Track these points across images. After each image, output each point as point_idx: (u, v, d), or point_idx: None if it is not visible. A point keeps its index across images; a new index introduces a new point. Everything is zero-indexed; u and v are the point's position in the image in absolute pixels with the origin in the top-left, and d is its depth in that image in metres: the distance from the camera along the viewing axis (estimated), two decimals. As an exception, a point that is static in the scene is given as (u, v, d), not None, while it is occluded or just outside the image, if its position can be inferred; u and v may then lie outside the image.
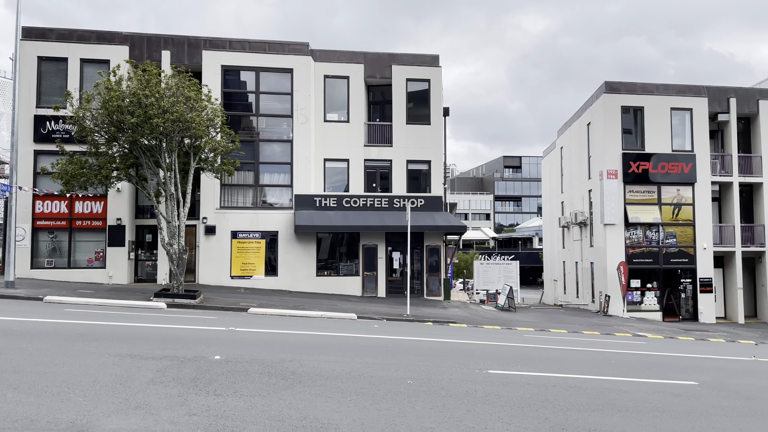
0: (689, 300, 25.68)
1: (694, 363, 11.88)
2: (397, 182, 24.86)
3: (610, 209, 25.33)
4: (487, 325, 18.19)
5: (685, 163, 25.69)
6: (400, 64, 25.15)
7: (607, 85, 26.00)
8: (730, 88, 26.73)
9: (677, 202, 25.76)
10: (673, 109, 26.00)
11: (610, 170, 25.44)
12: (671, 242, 25.67)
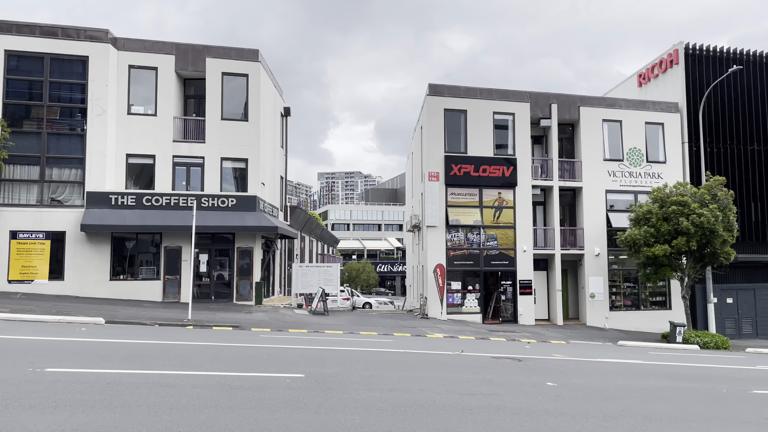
0: (510, 302, 25.87)
1: (365, 357, 11.29)
2: (211, 180, 23.64)
3: (432, 211, 25.19)
4: (291, 329, 17.23)
5: (506, 166, 25.98)
6: (215, 57, 24.05)
7: (431, 88, 25.97)
8: (552, 95, 27.39)
9: (498, 204, 25.98)
10: (495, 113, 26.29)
11: (432, 172, 25.33)
12: (492, 244, 25.82)
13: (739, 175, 28.44)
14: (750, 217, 28.60)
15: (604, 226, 26.75)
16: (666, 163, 27.70)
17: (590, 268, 26.62)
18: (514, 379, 9.42)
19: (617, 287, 27.20)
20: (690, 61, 28.30)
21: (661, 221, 22.41)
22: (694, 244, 21.78)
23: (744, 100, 28.80)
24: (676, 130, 27.99)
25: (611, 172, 27.19)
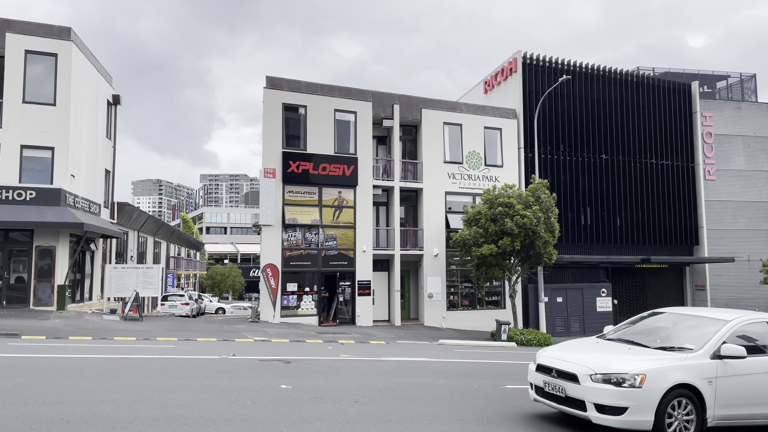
0: (348, 303, 25.36)
1: (90, 365, 10.05)
2: (8, 170, 20.89)
3: (267, 210, 24.08)
4: (77, 336, 15.21)
5: (347, 165, 25.49)
6: (18, 33, 21.38)
7: (269, 81, 24.92)
8: (395, 95, 27.37)
9: (339, 204, 25.41)
10: (337, 111, 25.75)
11: (268, 169, 24.23)
12: (332, 245, 25.18)
13: (572, 181, 30.08)
14: (581, 221, 30.32)
15: (443, 227, 27.06)
16: (503, 167, 28.64)
17: (429, 268, 26.79)
18: (245, 384, 8.57)
19: (455, 287, 27.63)
20: (527, 70, 29.56)
21: (489, 222, 22.91)
22: (518, 244, 22.45)
23: (577, 110, 30.56)
24: (513, 136, 29.06)
25: (451, 175, 27.61)
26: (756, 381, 6.85)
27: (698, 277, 32.54)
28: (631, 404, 6.22)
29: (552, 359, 7.15)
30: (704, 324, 7.31)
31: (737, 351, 6.66)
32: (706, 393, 6.52)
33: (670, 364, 6.55)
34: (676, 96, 32.88)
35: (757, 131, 34.46)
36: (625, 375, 6.34)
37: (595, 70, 31.20)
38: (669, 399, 6.36)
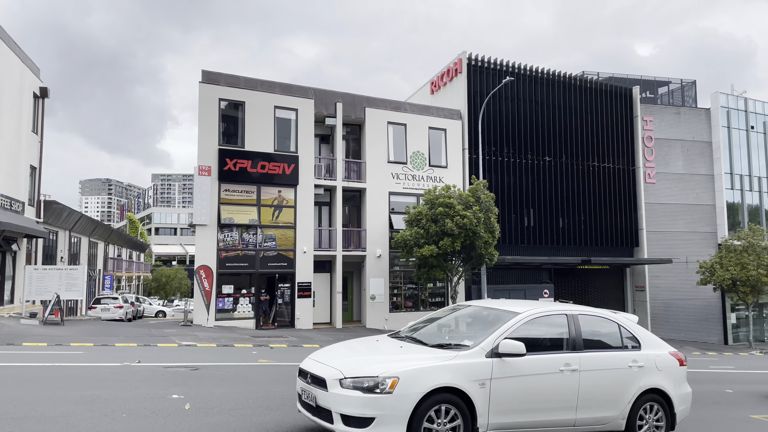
0: (287, 306, 24.69)
1: None
2: None
3: (202, 209, 23.20)
4: None
5: (288, 163, 24.84)
6: (-72, 18, 19.89)
7: (205, 75, 24.06)
8: (338, 93, 26.88)
9: (278, 203, 24.73)
10: (277, 108, 25.07)
11: (203, 166, 23.36)
12: (270, 245, 24.47)
13: (516, 183, 30.18)
14: (524, 223, 30.47)
15: (386, 228, 26.70)
16: (448, 167, 28.50)
17: (372, 269, 26.39)
18: (132, 394, 7.93)
19: (399, 288, 27.31)
20: (471, 71, 29.53)
21: (430, 223, 22.68)
22: (458, 245, 22.29)
23: (522, 113, 30.71)
24: (458, 137, 28.97)
25: (395, 175, 27.29)
26: (538, 383, 6.01)
27: (638, 278, 33.19)
28: (378, 413, 5.27)
29: (312, 362, 6.12)
30: (495, 318, 6.48)
31: (516, 348, 5.81)
32: (477, 398, 5.60)
33: (434, 364, 5.60)
34: (618, 100, 33.48)
35: (696, 136, 35.45)
36: (376, 378, 5.36)
37: (540, 73, 31.44)
38: (428, 406, 5.42)
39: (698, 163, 35.23)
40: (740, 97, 37.20)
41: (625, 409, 6.61)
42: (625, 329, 7.01)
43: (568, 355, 6.35)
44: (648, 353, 6.93)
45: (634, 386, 6.66)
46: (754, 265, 29.70)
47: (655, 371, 6.86)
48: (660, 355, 7.03)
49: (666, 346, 7.31)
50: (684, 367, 7.24)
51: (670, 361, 7.07)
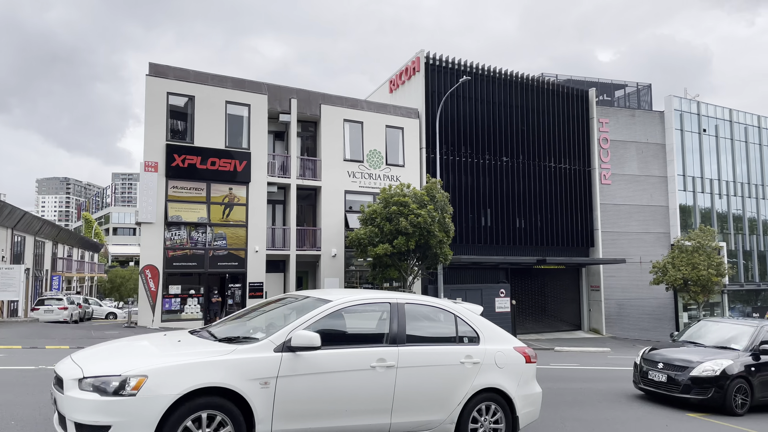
0: (238, 306, 24.02)
1: None
2: None
3: (147, 206, 22.39)
4: None
5: (239, 160, 24.19)
6: None
7: (152, 68, 23.25)
8: (293, 89, 26.35)
9: (229, 201, 24.06)
10: (229, 103, 24.40)
11: (149, 162, 22.55)
12: (221, 244, 23.78)
13: (474, 183, 30.13)
14: (481, 222, 30.43)
15: (342, 227, 26.28)
16: (405, 166, 28.25)
17: (327, 269, 25.92)
18: None
19: (355, 288, 26.87)
20: (429, 70, 29.36)
21: (384, 221, 22.36)
22: (413, 244, 22.01)
23: (480, 113, 30.68)
24: (415, 136, 28.75)
25: (351, 173, 26.90)
26: (340, 382, 5.18)
27: (593, 278, 33.54)
28: (115, 421, 4.30)
29: (68, 360, 5.00)
30: (303, 307, 5.68)
31: (309, 340, 4.96)
32: (257, 400, 4.74)
33: (199, 360, 4.69)
34: (575, 102, 33.79)
35: (650, 138, 36.06)
36: (119, 377, 4.39)
37: (498, 74, 31.48)
38: (185, 411, 4.50)
39: (652, 165, 35.84)
40: (693, 101, 38.03)
41: (455, 411, 5.81)
42: (464, 321, 6.22)
43: (383, 349, 5.51)
44: (487, 348, 6.16)
45: (466, 385, 5.89)
46: (705, 265, 30.27)
47: (494, 368, 6.13)
48: (501, 351, 6.27)
49: (512, 341, 6.55)
50: (532, 364, 6.51)
51: (513, 358, 6.34)
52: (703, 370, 9.89)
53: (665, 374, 10.33)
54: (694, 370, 9.97)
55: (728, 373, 9.80)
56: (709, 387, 9.80)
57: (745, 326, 11.00)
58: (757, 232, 39.91)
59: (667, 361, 10.50)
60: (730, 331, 11.04)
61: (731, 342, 10.71)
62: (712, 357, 10.15)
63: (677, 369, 10.22)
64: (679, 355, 10.56)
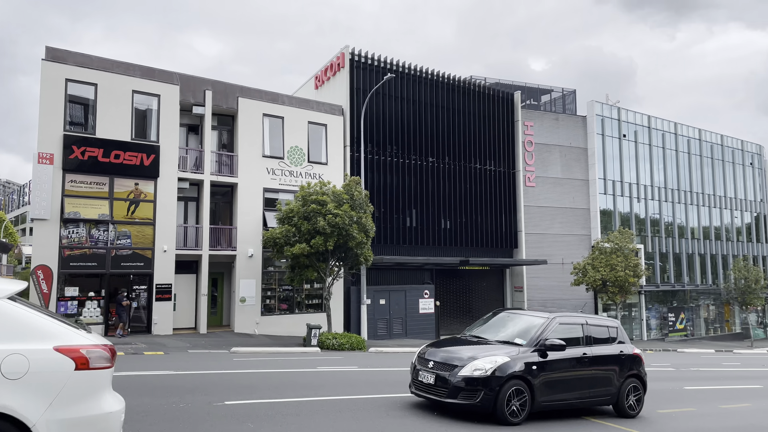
0: (144, 310, 22.52)
1: None
2: None
3: (41, 201, 20.58)
4: None
5: (147, 154, 22.69)
6: None
7: (49, 52, 21.47)
8: (208, 80, 25.07)
9: (135, 197, 22.53)
10: (136, 92, 22.87)
11: (43, 154, 20.75)
12: (125, 243, 22.21)
13: (400, 183, 29.71)
14: (407, 223, 30.04)
15: (260, 226, 25.19)
16: (328, 164, 27.46)
17: (243, 270, 24.76)
18: None
19: (273, 290, 25.86)
20: (354, 66, 28.73)
21: (302, 220, 21.51)
22: (331, 244, 21.25)
23: (407, 113, 30.30)
24: (339, 133, 28.03)
25: (271, 170, 25.87)
26: None
27: (517, 278, 33.83)
28: None
29: None
30: None
31: None
32: None
33: None
34: (501, 105, 34.01)
35: (573, 142, 36.81)
36: None
37: (426, 74, 31.22)
38: None
39: (575, 168, 36.60)
40: (614, 107, 39.17)
41: None
42: None
43: None
44: None
45: None
46: (622, 267, 31.05)
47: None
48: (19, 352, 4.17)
49: (55, 336, 4.38)
50: (93, 371, 4.41)
51: (46, 363, 4.24)
52: (474, 369, 8.23)
53: (434, 375, 8.57)
54: (464, 369, 8.28)
55: (501, 373, 8.21)
56: (478, 389, 8.15)
57: (536, 318, 9.49)
58: (673, 235, 41.54)
59: (438, 359, 8.74)
60: (522, 324, 9.51)
61: (519, 336, 9.16)
62: (488, 353, 8.52)
63: (447, 368, 8.47)
64: (454, 352, 8.86)
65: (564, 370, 8.93)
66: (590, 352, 9.35)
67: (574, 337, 9.42)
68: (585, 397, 9.26)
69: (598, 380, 9.39)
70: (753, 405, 12.20)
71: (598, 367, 9.42)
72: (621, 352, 9.85)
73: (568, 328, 9.42)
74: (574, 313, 10.21)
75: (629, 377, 9.85)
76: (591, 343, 9.51)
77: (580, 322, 9.66)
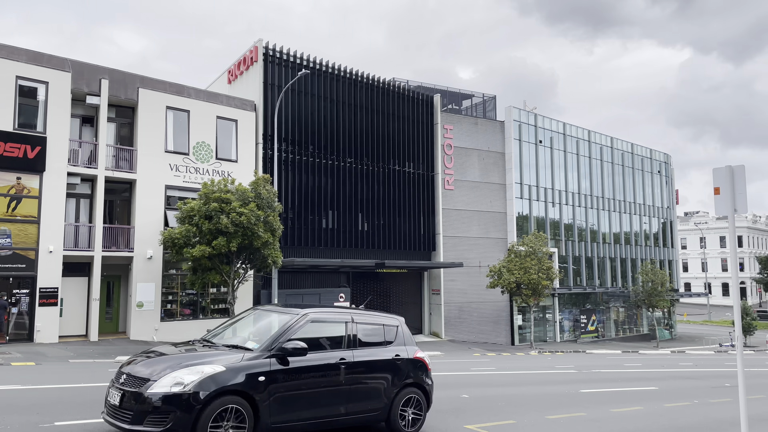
0: (26, 315, 20.53)
1: None
2: None
3: None
4: None
5: (31, 146, 20.74)
6: None
7: None
8: (104, 68, 23.33)
9: (17, 193, 20.53)
10: (21, 79, 20.89)
11: None
12: (4, 243, 20.17)
13: (317, 183, 28.88)
14: (323, 224, 29.22)
15: (160, 226, 23.65)
16: (238, 162, 26.24)
17: (141, 273, 23.15)
18: None
19: (175, 294, 24.36)
20: (269, 61, 27.69)
21: (203, 219, 20.26)
22: (234, 245, 20.14)
23: (326, 112, 29.52)
24: (251, 130, 26.88)
25: (174, 166, 24.39)
26: None
27: (435, 281, 33.73)
28: None
29: None
30: None
31: None
32: None
33: None
34: (421, 107, 33.88)
35: (491, 146, 37.24)
36: None
37: (345, 73, 30.55)
38: None
39: (493, 173, 37.02)
40: (531, 113, 40.01)
41: None
42: None
43: None
44: None
45: None
46: (536, 270, 31.54)
47: None
48: None
49: None
50: None
51: None
52: (173, 384, 6.18)
53: (121, 392, 6.40)
54: (157, 383, 6.20)
55: (207, 388, 6.22)
56: (171, 411, 6.06)
57: (284, 315, 7.60)
58: (586, 240, 42.89)
59: (131, 371, 6.58)
60: (266, 324, 7.77)
61: (255, 339, 7.32)
62: (197, 362, 6.51)
63: (137, 383, 6.35)
64: (155, 361, 6.68)
65: (310, 381, 7.09)
66: (352, 356, 7.60)
67: (333, 337, 7.69)
68: (340, 414, 7.35)
69: (360, 392, 7.58)
70: (645, 408, 12.24)
71: (363, 376, 7.64)
72: (397, 356, 8.13)
73: (324, 327, 7.70)
74: (337, 309, 8.40)
75: (407, 387, 8.11)
76: (355, 346, 7.77)
77: (343, 320, 7.90)
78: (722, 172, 7.14)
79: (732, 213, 7.06)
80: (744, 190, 7.01)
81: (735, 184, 7.06)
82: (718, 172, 7.17)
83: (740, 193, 7.01)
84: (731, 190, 7.06)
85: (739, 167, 7.11)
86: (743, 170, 7.08)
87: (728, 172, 7.12)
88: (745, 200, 6.99)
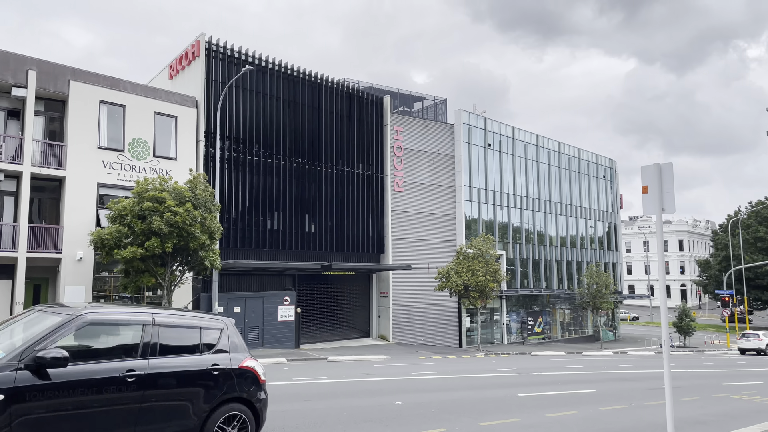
0: (-62, 322, 19.01)
1: None
2: None
3: None
4: None
5: (-53, 138, 19.28)
6: None
7: None
8: (32, 59, 21.99)
9: (-71, 189, 19.03)
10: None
11: None
12: None
13: (262, 183, 28.11)
14: (269, 226, 28.44)
15: (92, 226, 22.42)
16: (177, 160, 25.21)
17: (71, 275, 21.87)
18: None
19: (107, 298, 23.15)
20: (211, 57, 26.79)
21: (136, 219, 19.25)
22: (169, 246, 19.21)
23: (271, 110, 28.78)
24: (192, 127, 25.89)
25: (108, 163, 23.20)
26: None
27: (383, 284, 33.37)
28: None
29: None
30: None
31: None
32: None
33: None
34: (371, 108, 33.52)
35: (441, 149, 37.20)
36: None
37: (292, 71, 29.88)
38: None
39: (442, 175, 36.99)
40: (480, 116, 40.23)
41: None
42: None
43: None
44: None
45: None
46: (483, 272, 31.60)
47: None
48: None
49: None
50: None
51: None
52: None
53: None
54: None
55: None
56: None
57: (55, 315, 6.21)
58: (533, 242, 43.41)
59: None
60: (33, 326, 6.22)
61: (8, 345, 5.94)
62: None
63: None
64: None
65: (81, 400, 5.76)
66: (146, 367, 6.28)
67: (123, 344, 6.39)
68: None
69: (156, 412, 6.27)
70: (581, 412, 12.11)
71: (162, 391, 6.34)
72: (214, 365, 6.85)
73: (110, 330, 6.39)
74: (133, 308, 7.03)
75: (228, 403, 6.87)
76: (155, 354, 6.43)
77: (139, 321, 6.51)
78: (650, 170, 6.97)
79: (659, 212, 6.89)
80: (672, 189, 6.85)
81: (663, 183, 6.89)
82: (647, 170, 6.99)
83: (668, 192, 6.85)
84: (659, 188, 6.89)
85: (667, 165, 6.96)
86: (671, 168, 6.92)
87: (656, 170, 6.95)
88: (672, 199, 6.83)
